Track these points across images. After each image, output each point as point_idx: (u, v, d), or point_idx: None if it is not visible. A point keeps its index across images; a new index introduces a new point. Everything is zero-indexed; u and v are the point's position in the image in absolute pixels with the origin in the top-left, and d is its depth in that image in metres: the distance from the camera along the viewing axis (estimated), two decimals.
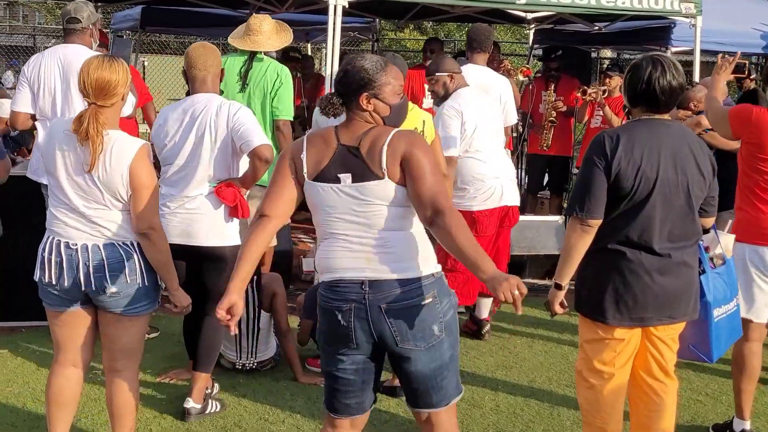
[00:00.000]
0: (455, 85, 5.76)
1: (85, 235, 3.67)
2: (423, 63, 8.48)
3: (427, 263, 3.27)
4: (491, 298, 6.23)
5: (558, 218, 8.19)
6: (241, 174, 4.62)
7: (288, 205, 3.31)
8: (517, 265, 7.91)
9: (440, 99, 5.79)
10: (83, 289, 3.68)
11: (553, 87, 8.95)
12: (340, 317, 3.22)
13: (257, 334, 5.32)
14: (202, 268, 4.65)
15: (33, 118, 5.61)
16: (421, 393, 3.33)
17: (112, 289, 3.66)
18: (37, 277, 3.78)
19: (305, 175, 3.25)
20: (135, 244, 3.71)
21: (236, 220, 4.64)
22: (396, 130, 3.24)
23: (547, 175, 9.54)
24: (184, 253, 4.57)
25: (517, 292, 2.95)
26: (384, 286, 3.18)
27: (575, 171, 9.64)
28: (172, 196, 4.59)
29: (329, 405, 3.42)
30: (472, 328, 6.31)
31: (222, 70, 4.74)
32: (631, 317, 3.66)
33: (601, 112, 8.60)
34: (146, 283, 3.75)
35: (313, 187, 3.25)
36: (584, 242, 3.62)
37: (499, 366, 5.78)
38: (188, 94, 4.80)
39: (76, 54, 5.38)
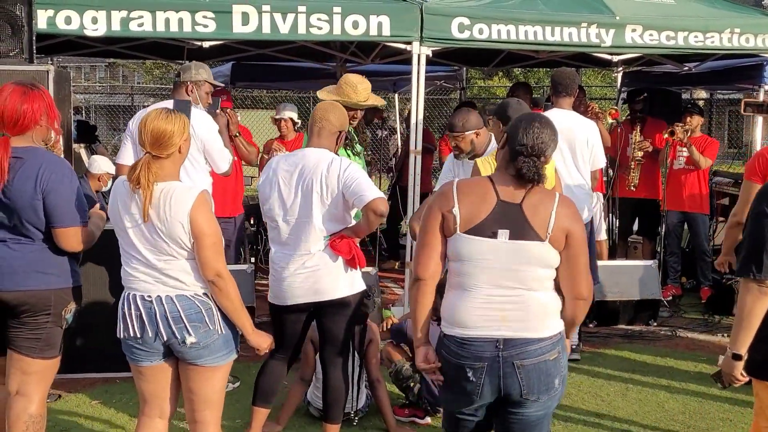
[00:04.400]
0: (481, 141, 5.62)
1: (159, 287, 3.71)
2: None
3: (556, 320, 3.39)
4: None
5: (651, 263, 8.01)
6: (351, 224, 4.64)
7: (440, 264, 3.40)
8: (611, 312, 7.75)
9: (465, 155, 5.67)
10: (164, 340, 3.72)
11: (639, 128, 8.81)
12: (470, 374, 3.32)
13: (359, 382, 5.29)
14: (328, 318, 4.67)
15: None
16: None
17: (192, 339, 3.67)
18: (120, 334, 3.83)
19: (457, 228, 3.30)
20: (210, 294, 3.73)
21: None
22: (559, 195, 3.34)
23: (637, 219, 9.36)
24: (310, 310, 4.63)
25: None
26: (518, 343, 3.29)
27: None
28: (289, 255, 4.59)
29: None
30: None
31: (342, 132, 4.74)
32: None
33: (684, 153, 8.52)
34: (224, 332, 3.76)
35: (464, 239, 3.29)
36: (764, 305, 3.35)
37: (591, 415, 5.63)
38: None
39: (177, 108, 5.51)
